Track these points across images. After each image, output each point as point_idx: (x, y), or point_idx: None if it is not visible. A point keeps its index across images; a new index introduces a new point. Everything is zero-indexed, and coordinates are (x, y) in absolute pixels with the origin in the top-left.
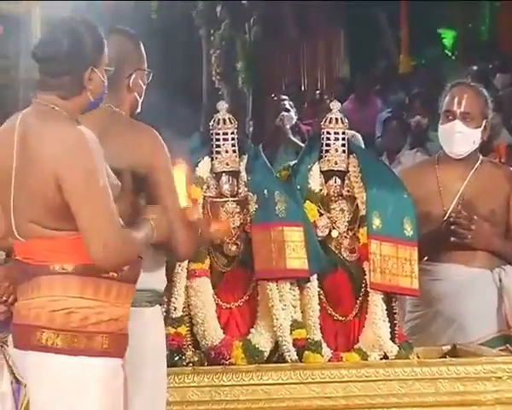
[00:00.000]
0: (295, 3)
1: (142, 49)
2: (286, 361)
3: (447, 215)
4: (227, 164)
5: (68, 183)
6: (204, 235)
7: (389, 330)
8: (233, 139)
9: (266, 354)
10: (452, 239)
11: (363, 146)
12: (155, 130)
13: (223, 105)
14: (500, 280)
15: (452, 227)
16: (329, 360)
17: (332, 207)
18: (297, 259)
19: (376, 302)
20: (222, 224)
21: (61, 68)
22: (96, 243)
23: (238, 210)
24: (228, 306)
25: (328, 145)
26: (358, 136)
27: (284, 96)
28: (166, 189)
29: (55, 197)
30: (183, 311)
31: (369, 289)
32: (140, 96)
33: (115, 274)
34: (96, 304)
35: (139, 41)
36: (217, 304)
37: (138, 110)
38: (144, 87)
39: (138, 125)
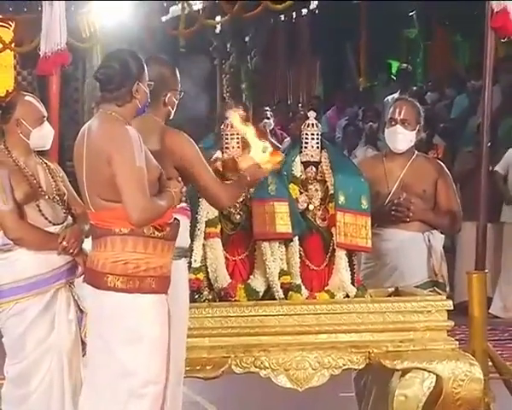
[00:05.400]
0: (283, 43)
1: (178, 74)
2: (275, 299)
3: (391, 194)
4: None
5: (115, 164)
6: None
7: (350, 276)
8: (237, 138)
9: (261, 294)
10: (396, 216)
11: None
12: (184, 131)
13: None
14: (429, 241)
15: (394, 208)
16: (307, 298)
17: (309, 187)
18: (284, 225)
19: (341, 256)
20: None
21: (115, 85)
22: (132, 208)
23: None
24: (233, 259)
25: (306, 143)
26: None
27: (267, 108)
28: (202, 168)
29: (110, 176)
30: (201, 262)
31: (335, 247)
32: (173, 109)
33: (159, 234)
34: (145, 256)
35: (175, 68)
36: (226, 257)
37: (171, 118)
38: (176, 102)
39: (171, 131)
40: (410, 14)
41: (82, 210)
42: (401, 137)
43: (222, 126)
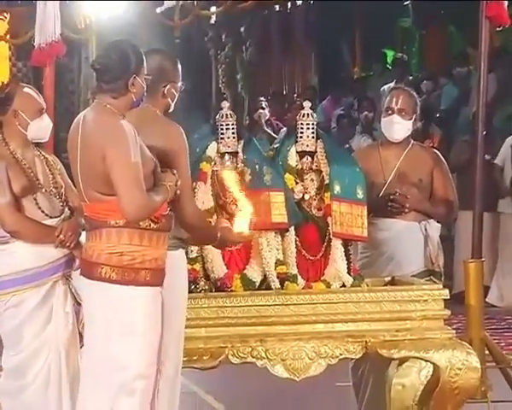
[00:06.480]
0: (279, 33)
1: (179, 67)
2: (271, 288)
3: (387, 183)
4: (229, 146)
5: (109, 158)
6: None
7: (346, 266)
8: (233, 129)
9: (257, 284)
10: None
11: None
12: (180, 121)
13: (226, 104)
14: (425, 230)
15: (389, 204)
16: (303, 288)
17: (305, 177)
18: (279, 215)
19: (337, 246)
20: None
21: (112, 76)
22: (128, 204)
23: (237, 180)
24: (230, 249)
25: (301, 133)
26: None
27: (261, 98)
28: (184, 168)
29: (103, 169)
30: (197, 252)
31: (331, 237)
32: (172, 101)
33: (154, 226)
34: (140, 248)
35: (177, 61)
36: None
37: (171, 110)
38: (176, 95)
39: (166, 121)
40: (405, 3)
41: (79, 203)
42: (398, 127)
43: (217, 117)
